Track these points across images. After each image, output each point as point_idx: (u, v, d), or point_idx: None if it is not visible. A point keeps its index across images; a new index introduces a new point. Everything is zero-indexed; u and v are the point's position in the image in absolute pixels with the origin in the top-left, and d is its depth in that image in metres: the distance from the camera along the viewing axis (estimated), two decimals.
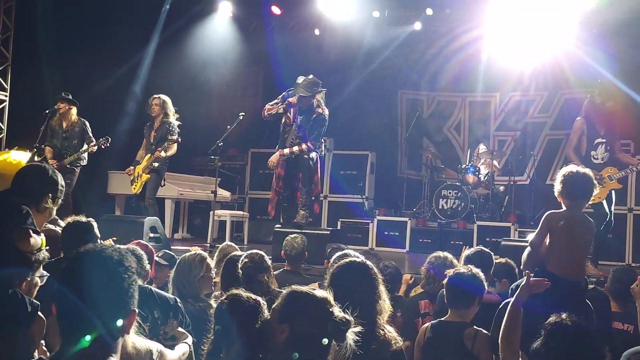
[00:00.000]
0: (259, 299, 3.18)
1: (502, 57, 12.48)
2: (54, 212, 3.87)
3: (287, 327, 2.73)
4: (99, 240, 4.83)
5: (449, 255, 5.13)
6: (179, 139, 9.22)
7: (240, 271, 4.62)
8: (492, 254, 5.39)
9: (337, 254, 4.79)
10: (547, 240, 4.41)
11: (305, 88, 8.55)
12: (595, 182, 4.53)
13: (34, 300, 3.26)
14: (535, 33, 11.74)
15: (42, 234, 3.58)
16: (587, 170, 4.51)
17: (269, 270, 4.76)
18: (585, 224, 4.44)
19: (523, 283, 3.75)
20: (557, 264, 4.28)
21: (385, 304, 3.44)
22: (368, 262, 3.59)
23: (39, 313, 3.22)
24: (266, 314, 3.08)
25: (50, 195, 3.73)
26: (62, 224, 5.63)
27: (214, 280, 4.95)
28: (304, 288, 2.90)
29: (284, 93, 8.86)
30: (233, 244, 6.17)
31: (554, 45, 11.69)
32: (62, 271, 2.29)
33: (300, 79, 8.66)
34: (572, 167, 4.51)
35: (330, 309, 2.78)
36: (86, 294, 2.17)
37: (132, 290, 2.28)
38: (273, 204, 8.90)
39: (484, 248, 5.42)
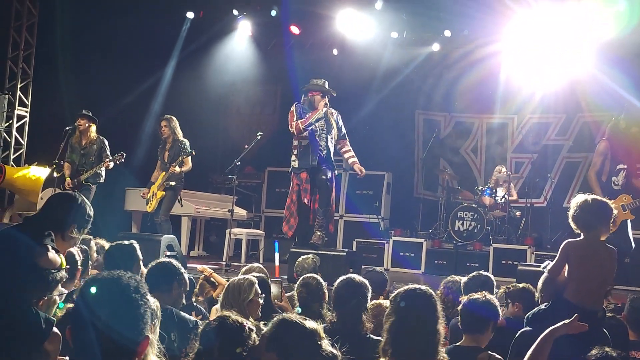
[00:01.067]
0: (246, 322, 3.18)
1: (520, 79, 12.46)
2: (79, 241, 3.94)
3: (274, 356, 2.74)
4: (140, 262, 5.02)
5: (464, 279, 5.11)
6: (193, 151, 9.26)
7: (296, 297, 4.66)
8: (491, 276, 5.32)
9: (341, 278, 4.71)
10: (566, 269, 4.38)
11: (324, 89, 8.71)
12: (612, 206, 4.49)
13: (50, 317, 3.29)
14: (553, 55, 11.72)
15: (62, 255, 3.63)
16: (597, 197, 4.47)
17: (323, 298, 4.80)
18: (603, 252, 4.39)
19: (566, 322, 3.69)
20: (574, 293, 4.25)
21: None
22: (431, 291, 3.59)
23: (55, 329, 3.25)
24: (253, 338, 3.08)
25: (76, 225, 3.76)
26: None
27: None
28: (295, 317, 2.92)
29: (295, 107, 8.77)
30: (262, 267, 6.15)
31: (573, 67, 11.65)
32: (78, 296, 2.33)
33: (311, 83, 8.80)
34: (580, 197, 4.46)
35: (320, 342, 2.78)
36: (102, 319, 2.20)
37: (147, 317, 2.31)
38: (293, 225, 8.68)
39: (480, 272, 5.35)
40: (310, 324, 2.88)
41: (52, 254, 3.49)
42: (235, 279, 4.66)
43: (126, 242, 5.08)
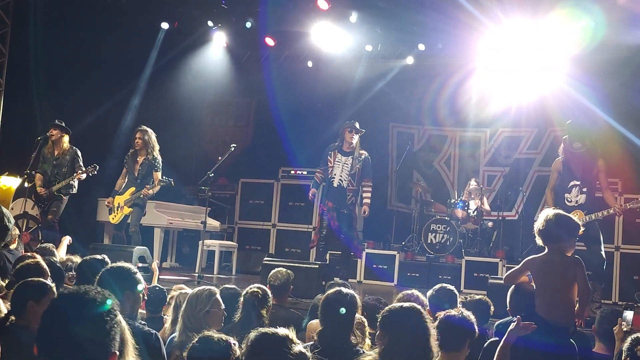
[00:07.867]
0: (231, 340, 3.19)
1: (492, 93, 12.58)
2: None
3: None
4: None
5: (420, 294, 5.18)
6: (172, 181, 9.32)
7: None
8: (453, 288, 5.35)
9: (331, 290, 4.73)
10: (534, 284, 4.46)
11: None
12: (578, 222, 4.58)
13: None
14: (526, 69, 11.85)
15: None
16: (564, 212, 4.55)
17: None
18: (566, 265, 4.43)
19: (512, 326, 3.78)
20: (542, 308, 4.31)
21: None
22: (419, 308, 3.61)
23: None
24: (237, 354, 3.10)
25: None
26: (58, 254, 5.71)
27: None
28: (270, 330, 2.97)
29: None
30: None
31: (545, 82, 11.78)
32: (44, 312, 2.28)
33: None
34: (547, 211, 4.55)
35: (290, 346, 2.84)
36: (68, 336, 2.18)
37: (114, 333, 2.28)
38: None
39: (444, 285, 5.36)
40: (281, 330, 2.93)
41: None
42: (195, 290, 4.64)
43: (99, 256, 5.00)
